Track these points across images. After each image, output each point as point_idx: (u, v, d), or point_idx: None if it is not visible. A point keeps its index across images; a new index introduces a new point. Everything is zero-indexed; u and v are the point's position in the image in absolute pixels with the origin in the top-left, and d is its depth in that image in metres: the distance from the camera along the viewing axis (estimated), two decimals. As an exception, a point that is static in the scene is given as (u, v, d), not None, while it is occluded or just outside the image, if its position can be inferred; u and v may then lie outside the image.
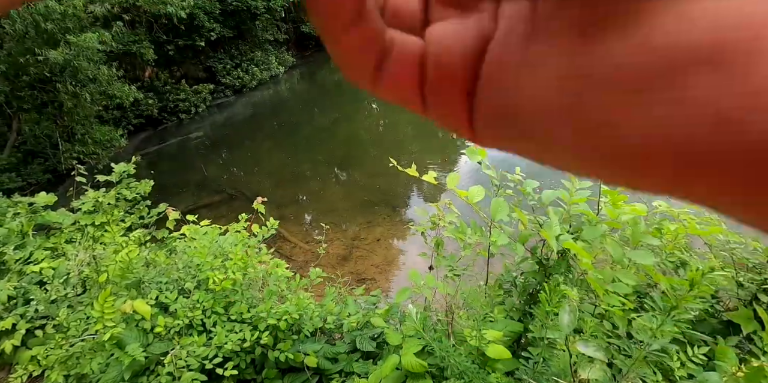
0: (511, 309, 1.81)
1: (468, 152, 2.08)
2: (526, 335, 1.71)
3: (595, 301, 1.56)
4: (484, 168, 2.03)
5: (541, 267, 1.85)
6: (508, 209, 1.85)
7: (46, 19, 8.61)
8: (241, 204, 6.68)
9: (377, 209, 6.31)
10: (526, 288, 1.87)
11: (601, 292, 1.30)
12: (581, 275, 1.69)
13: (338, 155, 9.61)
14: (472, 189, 1.88)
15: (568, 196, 1.82)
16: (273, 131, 12.66)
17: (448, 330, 1.66)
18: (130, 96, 10.64)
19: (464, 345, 1.55)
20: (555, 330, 1.20)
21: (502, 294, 1.93)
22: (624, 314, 1.49)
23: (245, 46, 18.53)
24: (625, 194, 1.72)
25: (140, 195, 4.56)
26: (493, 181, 2.09)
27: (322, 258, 4.58)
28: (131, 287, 2.37)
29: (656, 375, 1.29)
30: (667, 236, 1.81)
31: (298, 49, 22.55)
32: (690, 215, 2.07)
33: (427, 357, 1.64)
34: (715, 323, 1.68)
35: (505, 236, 1.77)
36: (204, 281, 2.17)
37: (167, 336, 1.98)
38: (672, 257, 1.84)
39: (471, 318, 1.67)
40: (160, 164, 10.60)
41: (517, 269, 2.13)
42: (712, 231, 1.67)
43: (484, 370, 1.46)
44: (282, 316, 1.90)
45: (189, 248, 2.59)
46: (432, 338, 1.54)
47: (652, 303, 1.18)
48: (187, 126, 13.59)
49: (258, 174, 9.34)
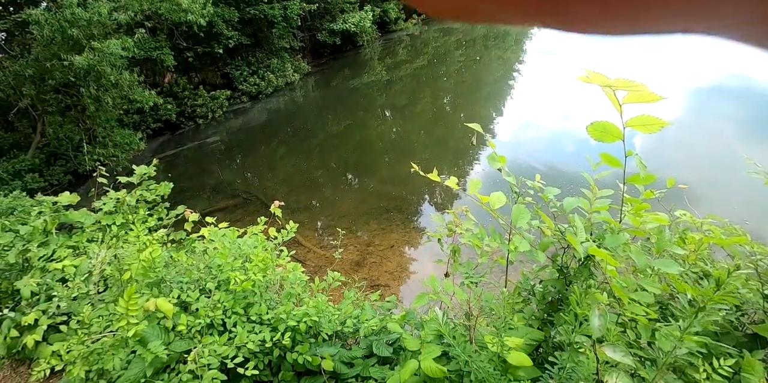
0: (531, 317, 1.80)
1: (489, 159, 2.09)
2: (547, 343, 1.69)
3: (617, 310, 1.54)
4: (505, 175, 2.04)
5: (562, 275, 1.84)
6: (528, 215, 1.85)
7: (72, 26, 8.91)
8: (256, 208, 6.76)
9: (390, 215, 6.33)
10: (546, 296, 1.86)
11: (626, 300, 1.29)
12: (602, 283, 1.68)
13: (351, 161, 9.69)
14: (493, 195, 1.89)
15: (589, 204, 1.82)
16: (287, 137, 12.83)
17: (470, 335, 1.66)
18: (150, 101, 10.92)
19: (485, 351, 1.54)
20: (581, 334, 1.19)
21: (521, 302, 1.92)
22: (648, 324, 1.48)
23: (262, 53, 18.91)
24: (646, 204, 1.71)
25: (160, 197, 4.65)
26: (513, 188, 2.09)
27: (336, 263, 4.59)
28: (153, 286, 2.41)
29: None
30: (690, 245, 1.79)
31: (313, 57, 22.92)
32: (713, 226, 2.05)
33: (447, 363, 1.64)
34: (740, 336, 1.65)
35: (526, 243, 1.77)
36: (224, 282, 2.21)
37: (188, 334, 2.01)
38: (695, 268, 1.82)
39: (491, 325, 1.66)
40: (177, 168, 10.81)
41: (535, 277, 2.12)
42: (735, 241, 1.65)
43: (505, 377, 1.45)
44: (302, 318, 1.92)
45: (209, 249, 2.64)
46: (456, 343, 1.54)
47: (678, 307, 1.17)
48: (204, 131, 13.86)
49: (272, 179, 9.46)
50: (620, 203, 1.85)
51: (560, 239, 1.83)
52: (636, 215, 1.70)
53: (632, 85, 1.47)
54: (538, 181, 2.13)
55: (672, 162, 7.43)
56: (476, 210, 2.31)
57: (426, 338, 1.76)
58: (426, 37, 27.72)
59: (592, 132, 1.58)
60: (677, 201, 3.14)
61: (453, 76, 17.74)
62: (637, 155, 1.71)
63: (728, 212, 5.52)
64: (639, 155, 1.67)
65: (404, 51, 23.99)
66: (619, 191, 1.73)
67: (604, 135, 1.58)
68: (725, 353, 1.53)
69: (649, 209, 1.73)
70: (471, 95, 14.40)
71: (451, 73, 18.28)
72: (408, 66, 20.16)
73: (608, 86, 1.48)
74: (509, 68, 19.29)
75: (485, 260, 2.27)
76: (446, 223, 2.63)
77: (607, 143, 1.59)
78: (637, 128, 1.54)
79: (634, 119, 1.52)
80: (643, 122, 1.52)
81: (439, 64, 20.19)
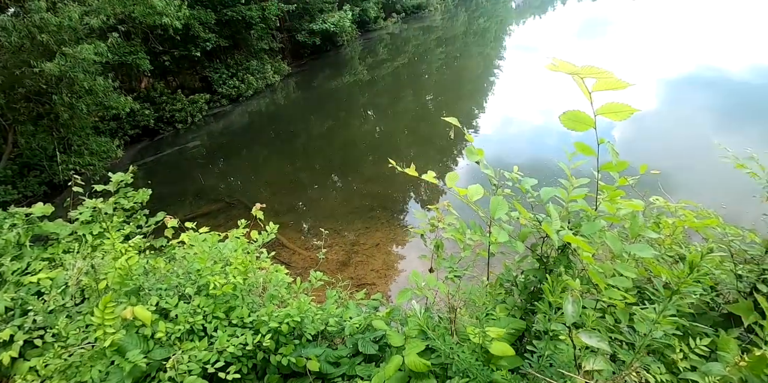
0: (513, 307, 1.81)
1: (467, 152, 2.09)
2: (529, 332, 1.70)
3: (596, 296, 1.56)
4: (483, 167, 2.04)
5: (542, 265, 1.85)
6: (507, 207, 1.86)
7: (42, 31, 8.65)
8: (240, 212, 6.67)
9: (375, 214, 6.32)
10: (527, 286, 1.87)
11: (603, 285, 1.30)
12: (582, 270, 1.69)
13: (335, 161, 9.65)
14: (470, 188, 1.89)
15: (566, 193, 1.84)
16: (270, 139, 12.70)
17: (451, 328, 1.65)
18: (126, 107, 10.67)
19: (467, 342, 1.54)
20: (559, 322, 1.20)
21: (503, 293, 1.93)
22: (626, 308, 1.50)
23: (241, 55, 18.67)
24: (621, 190, 1.73)
25: (138, 204, 4.55)
26: (491, 180, 2.10)
27: (321, 264, 4.57)
28: (131, 294, 2.35)
29: (659, 367, 1.29)
30: (665, 230, 1.82)
31: (293, 58, 22.73)
32: (687, 210, 2.09)
33: (431, 357, 1.64)
34: (716, 316, 1.69)
35: (505, 234, 1.77)
36: (204, 287, 2.16)
37: (168, 341, 1.96)
38: (671, 252, 1.85)
39: (473, 316, 1.66)
40: (157, 174, 10.60)
41: (517, 268, 2.13)
42: (708, 223, 1.69)
43: (488, 367, 1.45)
44: (284, 319, 1.89)
45: (188, 254, 2.59)
46: (436, 336, 1.54)
47: (653, 291, 1.18)
48: (184, 136, 13.63)
49: (255, 182, 9.35)
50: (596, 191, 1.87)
51: (538, 229, 1.84)
52: (611, 202, 1.72)
53: (599, 72, 1.49)
54: (516, 172, 2.14)
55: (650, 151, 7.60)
56: (459, 205, 2.32)
57: (410, 333, 1.75)
58: (406, 35, 27.78)
59: (564, 121, 1.60)
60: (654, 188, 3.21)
61: (434, 74, 17.82)
62: (609, 143, 1.73)
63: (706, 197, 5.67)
64: (615, 143, 1.69)
65: (385, 50, 23.99)
66: (596, 180, 1.75)
67: (577, 124, 1.60)
68: (702, 333, 1.56)
69: (625, 196, 1.75)
70: (453, 92, 14.48)
71: (433, 71, 18.36)
72: (389, 65, 20.17)
73: (575, 74, 1.49)
74: (489, 64, 19.47)
75: (468, 254, 2.28)
76: (429, 218, 2.63)
77: (579, 131, 1.61)
78: (607, 115, 1.56)
79: (603, 107, 1.54)
80: (613, 109, 1.54)
81: (420, 62, 20.26)
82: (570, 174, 1.91)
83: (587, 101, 1.54)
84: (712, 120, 9.66)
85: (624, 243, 1.60)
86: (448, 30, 28.62)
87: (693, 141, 8.05)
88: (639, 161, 1.94)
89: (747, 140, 7.86)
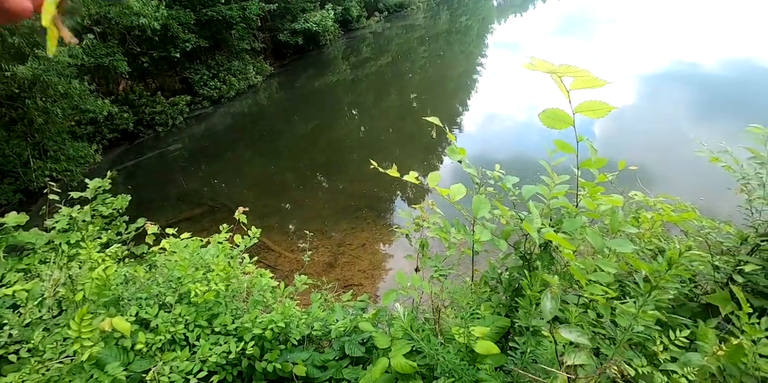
0: (498, 305, 1.82)
1: (449, 151, 2.09)
2: (514, 329, 1.71)
3: (578, 291, 1.57)
4: (465, 167, 2.05)
5: (525, 262, 1.86)
6: (489, 205, 1.87)
7: (13, 34, 8.36)
8: (224, 216, 6.57)
9: (361, 214, 6.30)
10: (512, 283, 1.88)
11: (584, 281, 1.31)
12: (564, 266, 1.71)
13: (320, 161, 9.59)
14: (453, 187, 1.89)
15: (548, 190, 1.85)
16: (253, 140, 12.55)
17: (436, 329, 1.65)
18: (103, 110, 10.40)
19: (452, 342, 1.54)
20: (538, 317, 1.20)
21: (488, 291, 1.93)
22: (607, 303, 1.52)
23: (222, 56, 18.39)
24: (600, 186, 1.75)
25: (117, 211, 4.45)
26: (474, 179, 2.11)
27: (307, 266, 4.53)
28: (109, 304, 2.29)
29: (641, 359, 1.31)
30: (645, 224, 1.85)
31: (275, 58, 22.48)
32: (665, 204, 2.13)
33: (417, 358, 1.63)
34: (695, 306, 1.72)
35: (488, 233, 1.78)
36: (186, 295, 2.12)
37: (149, 352, 1.92)
38: (650, 245, 1.88)
39: (458, 316, 1.66)
40: (137, 179, 10.37)
41: (501, 265, 2.14)
42: (685, 217, 1.72)
43: (473, 367, 1.45)
44: (268, 325, 1.86)
45: (169, 261, 2.53)
46: (420, 337, 1.53)
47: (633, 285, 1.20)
48: (165, 139, 13.36)
49: (240, 185, 9.23)
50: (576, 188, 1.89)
51: (521, 227, 1.85)
52: (591, 198, 1.74)
53: (576, 71, 1.50)
54: (498, 171, 2.15)
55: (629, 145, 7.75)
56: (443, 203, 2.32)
57: (396, 334, 1.74)
58: (389, 34, 27.76)
59: (544, 119, 1.61)
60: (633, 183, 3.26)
61: (418, 73, 17.86)
62: (588, 140, 1.75)
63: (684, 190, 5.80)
64: (596, 140, 1.71)
65: (368, 49, 23.93)
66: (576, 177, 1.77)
67: (556, 122, 1.61)
68: (681, 324, 1.59)
69: (605, 192, 1.77)
70: (436, 90, 14.53)
71: (416, 70, 18.39)
72: (372, 64, 20.14)
73: (553, 72, 1.50)
74: (473, 62, 19.60)
75: (453, 252, 2.28)
76: (414, 218, 2.63)
77: (558, 129, 1.62)
78: (585, 113, 1.57)
79: (582, 105, 1.55)
80: (591, 107, 1.55)
81: (403, 61, 20.27)
82: (551, 171, 1.92)
83: (566, 99, 1.55)
84: (687, 114, 9.91)
85: (605, 239, 1.61)
86: (430, 28, 28.70)
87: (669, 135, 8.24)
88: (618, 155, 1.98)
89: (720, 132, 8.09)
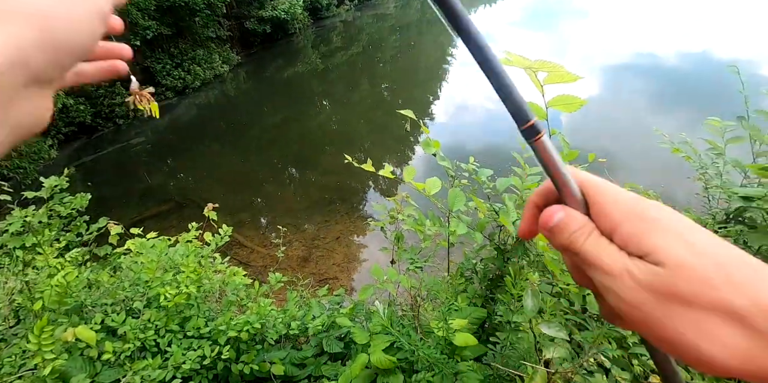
0: (474, 295, 1.84)
1: (423, 145, 2.08)
2: (491, 319, 1.74)
3: (552, 281, 1.61)
4: (439, 160, 2.04)
5: (500, 253, 1.89)
6: (464, 198, 1.88)
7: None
8: (192, 212, 6.34)
9: (335, 207, 6.25)
10: (487, 273, 1.91)
11: (557, 272, 1.34)
12: (537, 256, 1.75)
13: (291, 154, 9.40)
14: (428, 181, 1.89)
15: (521, 182, 1.88)
16: (221, 133, 12.14)
17: (415, 323, 1.66)
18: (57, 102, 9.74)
19: (431, 335, 1.55)
20: (519, 313, 1.22)
21: (464, 282, 1.95)
22: (579, 291, 1.56)
23: (185, 44, 17.56)
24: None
25: (76, 211, 4.22)
26: (449, 172, 2.11)
27: (281, 262, 4.45)
28: (72, 312, 2.17)
29: (612, 344, 1.35)
30: (612, 214, 1.91)
31: (242, 47, 21.69)
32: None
33: (396, 352, 1.63)
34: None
35: (463, 226, 1.79)
36: (155, 299, 2.03)
37: (117, 362, 1.83)
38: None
39: (436, 309, 1.67)
40: (98, 175, 9.84)
41: (476, 256, 2.17)
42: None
43: (453, 359, 1.47)
44: (243, 327, 1.81)
45: (135, 264, 2.41)
46: (400, 333, 1.53)
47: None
48: (127, 132, 12.72)
49: (208, 179, 8.93)
50: (548, 179, 1.92)
51: (495, 218, 1.88)
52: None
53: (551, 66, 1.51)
54: (472, 163, 2.16)
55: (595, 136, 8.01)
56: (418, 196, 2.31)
57: (374, 329, 1.74)
58: (360, 23, 27.32)
59: (517, 112, 1.62)
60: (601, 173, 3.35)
61: (389, 62, 17.72)
62: (560, 133, 1.78)
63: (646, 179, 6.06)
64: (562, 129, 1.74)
65: (339, 38, 23.49)
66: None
67: (529, 115, 1.62)
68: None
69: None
70: (408, 80, 14.49)
71: (388, 59, 18.24)
72: (343, 53, 19.80)
73: (529, 68, 1.50)
74: (444, 52, 19.62)
75: (428, 245, 2.29)
76: (388, 210, 2.62)
77: (531, 122, 1.63)
78: (558, 107, 1.58)
79: (555, 99, 1.56)
80: (564, 101, 1.56)
81: (374, 51, 20.04)
82: (524, 163, 1.95)
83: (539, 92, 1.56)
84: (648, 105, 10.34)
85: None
86: (401, 18, 28.45)
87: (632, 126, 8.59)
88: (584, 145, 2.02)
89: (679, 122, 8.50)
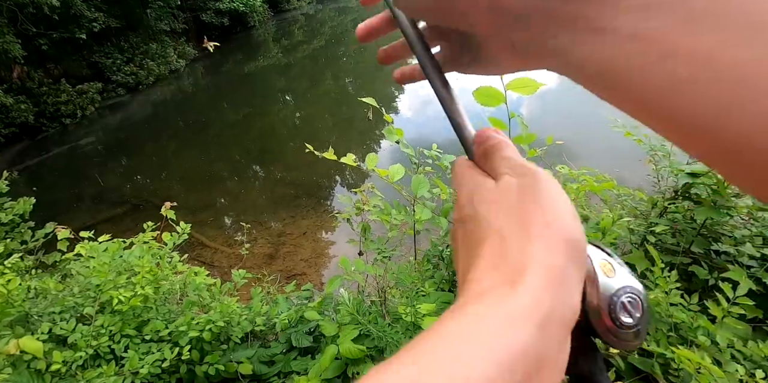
0: (441, 281, 1.86)
1: (386, 133, 2.06)
2: (458, 304, 1.76)
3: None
4: (403, 147, 2.04)
5: (465, 238, 1.91)
6: (428, 184, 1.88)
7: None
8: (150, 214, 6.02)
9: (301, 202, 6.14)
10: (453, 259, 1.93)
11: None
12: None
13: (254, 150, 9.13)
14: (392, 168, 1.88)
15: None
16: (179, 130, 11.61)
17: (383, 310, 1.64)
18: (-9, 101, 8.97)
19: (400, 322, 1.54)
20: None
21: (431, 269, 1.96)
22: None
23: (137, 37, 16.59)
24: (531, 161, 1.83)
25: (19, 217, 3.94)
26: (412, 159, 2.11)
27: (247, 260, 4.33)
28: (15, 323, 2.00)
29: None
30: (570, 194, 1.97)
31: (199, 41, 20.78)
32: (587, 176, 2.29)
33: (365, 341, 1.62)
34: (616, 268, 1.88)
35: (428, 211, 1.79)
36: (108, 303, 1.91)
37: (69, 372, 1.71)
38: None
39: (404, 295, 1.67)
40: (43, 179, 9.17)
41: (442, 242, 2.19)
42: (605, 186, 1.85)
43: (421, 345, 1.47)
44: (205, 326, 1.74)
45: (86, 268, 2.26)
46: (367, 321, 1.52)
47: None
48: (75, 132, 11.91)
49: (166, 179, 8.51)
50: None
51: (459, 204, 1.89)
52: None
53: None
54: (435, 150, 2.17)
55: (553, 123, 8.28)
56: (384, 186, 2.30)
57: (343, 320, 1.72)
58: (322, 16, 26.81)
59: (478, 97, 1.61)
60: (559, 158, 3.48)
61: (353, 56, 17.52)
62: (519, 117, 1.81)
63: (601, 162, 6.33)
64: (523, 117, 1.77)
65: (300, 31, 22.96)
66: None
67: (489, 99, 1.62)
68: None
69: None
70: (372, 74, 14.39)
71: (351, 53, 18.02)
72: (306, 47, 19.39)
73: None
74: (406, 45, 19.58)
75: (395, 234, 2.29)
76: (354, 202, 2.59)
77: (492, 106, 1.64)
78: (516, 90, 1.60)
79: (513, 82, 1.58)
80: (522, 84, 1.59)
81: (337, 45, 19.75)
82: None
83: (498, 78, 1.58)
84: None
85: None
86: (364, 11, 28.16)
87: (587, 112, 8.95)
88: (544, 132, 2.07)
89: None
